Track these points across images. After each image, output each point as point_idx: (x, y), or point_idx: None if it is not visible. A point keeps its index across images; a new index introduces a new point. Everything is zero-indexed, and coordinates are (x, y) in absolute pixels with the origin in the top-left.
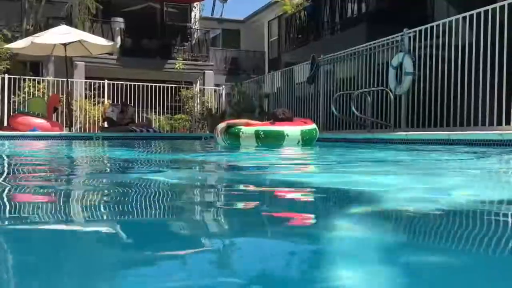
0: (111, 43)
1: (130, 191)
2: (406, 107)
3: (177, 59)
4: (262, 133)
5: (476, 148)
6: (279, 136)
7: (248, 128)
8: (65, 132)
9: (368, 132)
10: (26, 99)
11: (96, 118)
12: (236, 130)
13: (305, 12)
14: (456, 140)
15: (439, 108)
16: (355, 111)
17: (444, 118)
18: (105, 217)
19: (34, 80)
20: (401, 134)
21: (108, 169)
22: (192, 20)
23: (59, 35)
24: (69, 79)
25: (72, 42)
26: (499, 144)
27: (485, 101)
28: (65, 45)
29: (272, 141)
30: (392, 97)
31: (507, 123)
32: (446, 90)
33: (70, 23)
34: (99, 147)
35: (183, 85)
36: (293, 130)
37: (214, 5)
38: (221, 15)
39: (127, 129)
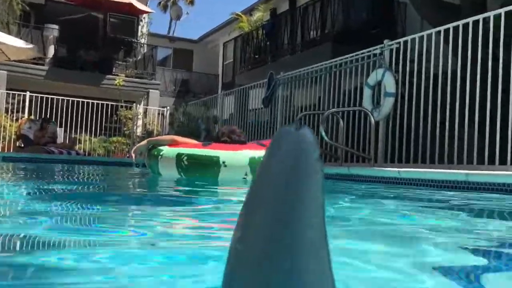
0: (30, 46)
1: None
2: (385, 136)
3: (118, 75)
4: (185, 158)
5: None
6: (211, 164)
7: (170, 149)
8: None
9: (340, 166)
10: None
11: (12, 136)
12: (156, 152)
13: (263, 31)
14: (476, 183)
15: (428, 139)
16: (326, 138)
17: (436, 152)
18: None
19: None
20: (392, 171)
21: None
22: (139, 33)
23: None
24: None
25: None
26: None
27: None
28: None
29: (199, 171)
30: (372, 121)
31: None
32: (439, 117)
33: None
34: None
35: (123, 104)
36: (235, 156)
37: (170, 24)
38: (173, 33)
39: (43, 150)
